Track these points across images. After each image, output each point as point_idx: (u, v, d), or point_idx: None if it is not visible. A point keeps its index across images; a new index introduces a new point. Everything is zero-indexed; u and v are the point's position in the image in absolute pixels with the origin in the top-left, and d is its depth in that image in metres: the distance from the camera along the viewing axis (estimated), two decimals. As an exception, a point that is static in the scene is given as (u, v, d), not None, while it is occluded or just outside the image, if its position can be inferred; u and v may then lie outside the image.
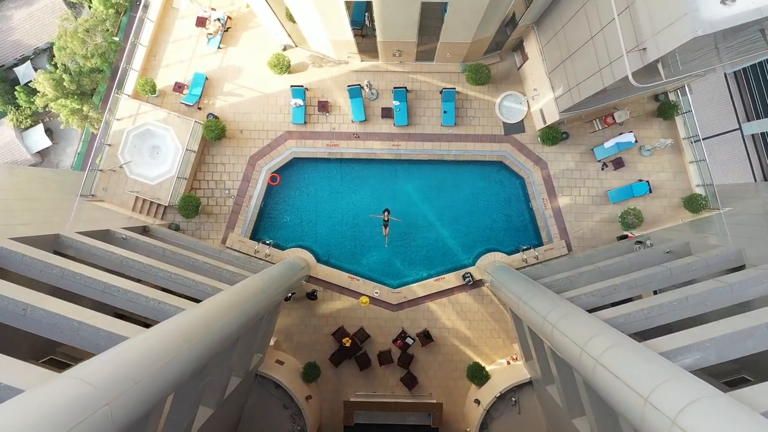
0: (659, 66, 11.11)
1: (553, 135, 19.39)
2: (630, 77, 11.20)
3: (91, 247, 13.64)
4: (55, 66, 27.90)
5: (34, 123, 30.07)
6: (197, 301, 12.79)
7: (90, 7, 28.53)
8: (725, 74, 29.03)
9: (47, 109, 28.48)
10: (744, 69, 28.57)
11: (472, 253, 21.26)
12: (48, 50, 29.90)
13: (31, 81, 28.02)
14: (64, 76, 26.53)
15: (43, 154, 30.40)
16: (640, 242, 17.93)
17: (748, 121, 28.55)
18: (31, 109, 29.00)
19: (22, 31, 29.34)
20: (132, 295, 11.28)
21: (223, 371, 13.90)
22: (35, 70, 29.19)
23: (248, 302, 13.62)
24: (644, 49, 11.15)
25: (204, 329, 10.75)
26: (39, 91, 27.18)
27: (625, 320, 10.97)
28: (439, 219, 21.34)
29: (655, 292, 14.79)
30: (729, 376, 13.48)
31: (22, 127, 29.77)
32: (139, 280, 13.77)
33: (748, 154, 28.99)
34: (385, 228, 19.98)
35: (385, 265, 21.37)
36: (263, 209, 21.19)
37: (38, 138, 29.89)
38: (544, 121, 19.19)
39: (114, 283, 11.50)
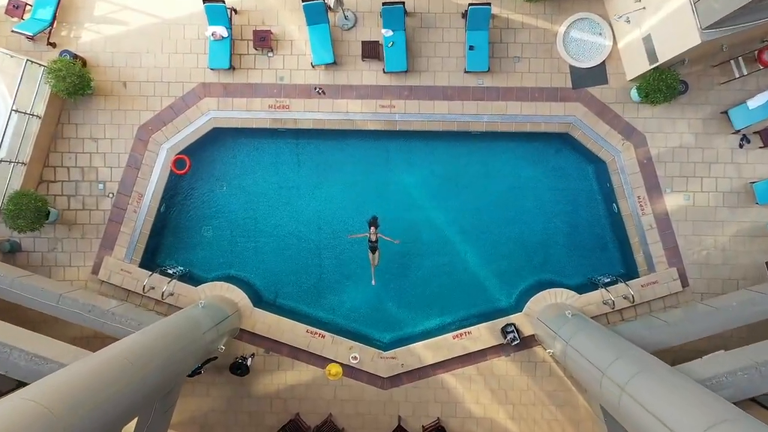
0: None
1: (666, 83, 10.83)
2: None
3: None
4: None
5: None
6: None
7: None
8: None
9: None
10: None
11: (515, 290, 12.76)
12: None
13: None
14: None
15: None
16: None
17: None
18: None
19: None
20: None
21: None
22: None
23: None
24: None
25: None
26: None
27: None
28: (458, 232, 12.84)
29: None
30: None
31: None
32: None
33: None
34: (373, 253, 11.58)
35: (371, 308, 12.84)
36: (163, 216, 12.64)
37: None
38: (654, 59, 10.68)
39: None
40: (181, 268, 12.50)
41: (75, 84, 11.21)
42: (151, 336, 8.78)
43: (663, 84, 10.80)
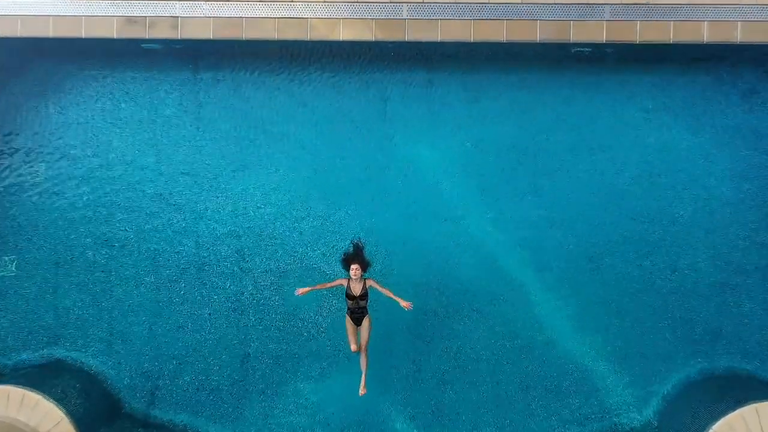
0: None
1: None
2: None
3: None
4: None
5: None
6: None
7: None
8: None
9: None
10: None
11: (658, 392, 5.99)
12: None
13: None
14: None
15: None
16: None
17: None
18: None
19: None
20: None
21: None
22: None
23: None
24: None
25: None
26: None
27: None
28: (533, 269, 6.10)
29: None
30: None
31: None
32: None
33: None
34: (357, 322, 5.00)
35: (352, 430, 6.09)
36: None
37: None
38: None
39: None
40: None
41: None
42: None
43: None
